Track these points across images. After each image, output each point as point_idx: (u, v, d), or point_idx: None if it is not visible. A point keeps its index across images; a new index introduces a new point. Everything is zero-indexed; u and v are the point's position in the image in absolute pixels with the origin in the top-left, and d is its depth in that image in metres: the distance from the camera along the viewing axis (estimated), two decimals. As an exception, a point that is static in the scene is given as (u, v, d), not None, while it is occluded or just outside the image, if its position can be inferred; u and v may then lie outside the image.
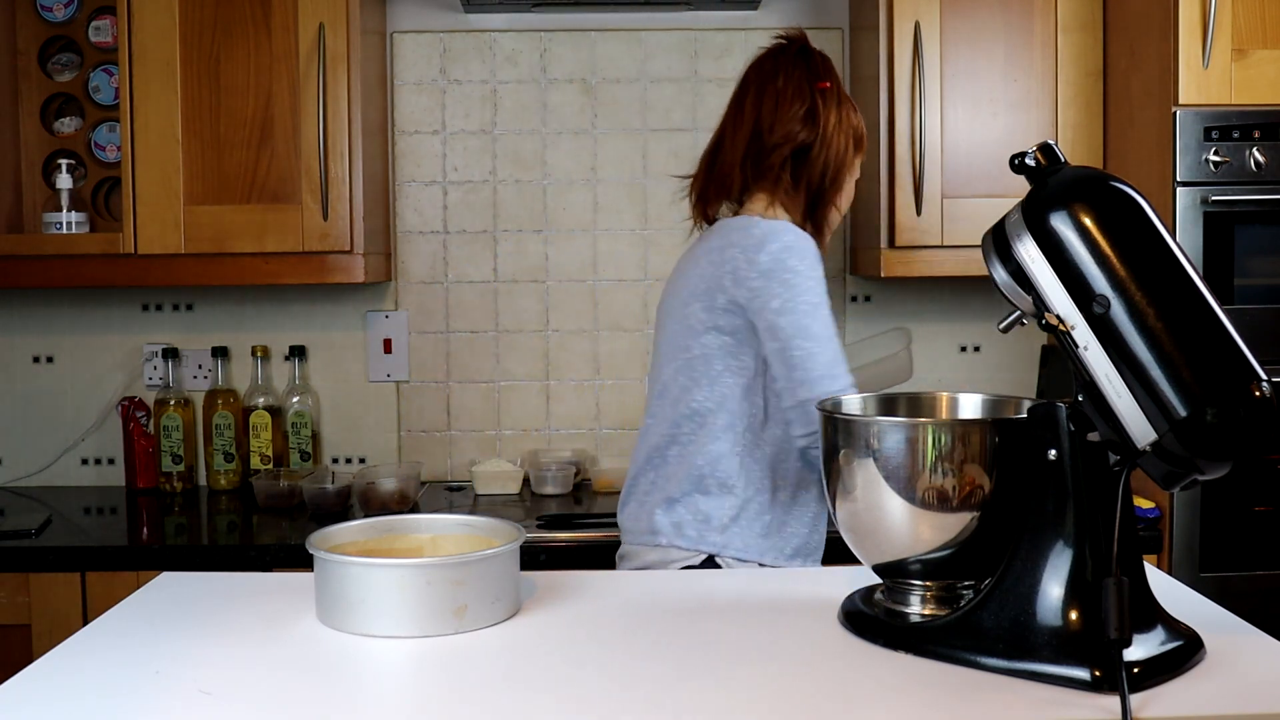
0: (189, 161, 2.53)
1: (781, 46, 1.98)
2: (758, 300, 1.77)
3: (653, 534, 1.85)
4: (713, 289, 1.82)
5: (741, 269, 1.78)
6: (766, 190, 1.92)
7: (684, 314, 1.85)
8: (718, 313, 1.81)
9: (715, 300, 1.81)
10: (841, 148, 1.93)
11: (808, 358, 1.74)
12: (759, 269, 1.77)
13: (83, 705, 1.12)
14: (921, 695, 1.12)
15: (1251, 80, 2.28)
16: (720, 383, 1.82)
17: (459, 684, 1.17)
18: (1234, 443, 1.09)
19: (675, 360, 1.87)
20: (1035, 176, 1.21)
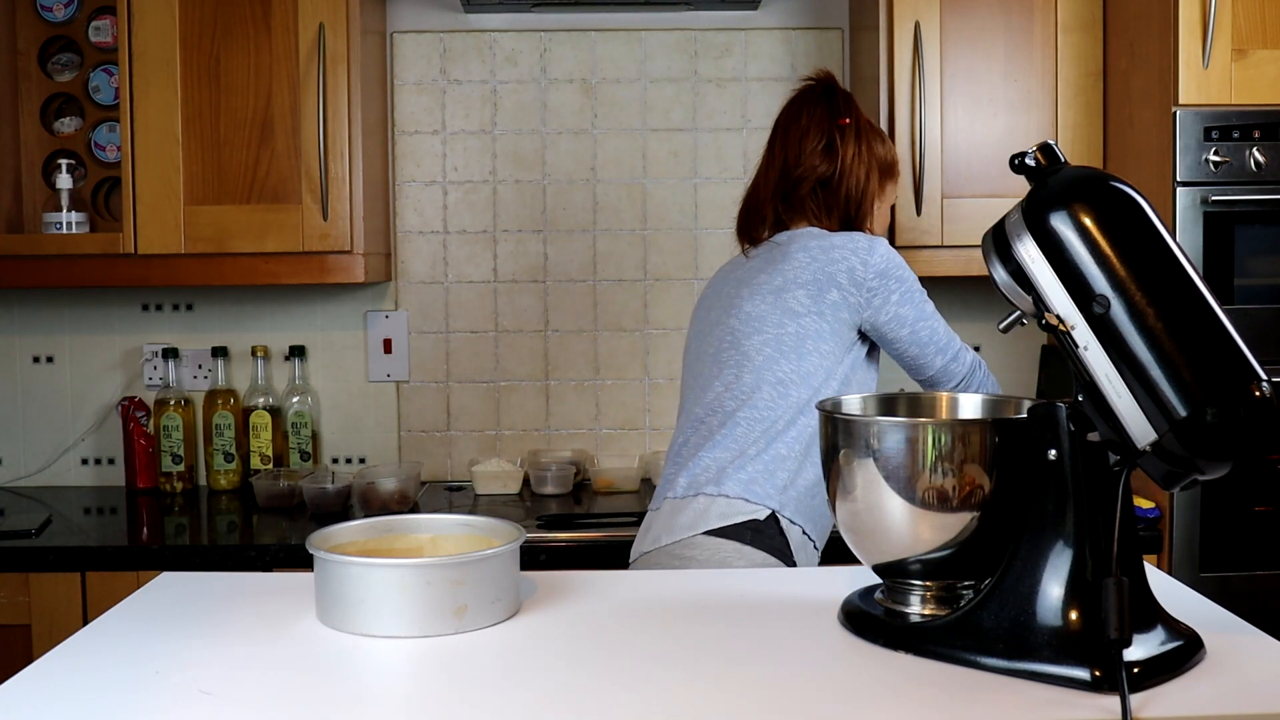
0: (189, 161, 2.53)
1: (809, 88, 2.18)
2: (878, 297, 2.00)
3: (721, 484, 1.96)
4: (822, 281, 2.00)
5: (857, 270, 2.00)
6: (805, 219, 2.13)
7: (782, 298, 2.03)
8: (824, 302, 2.00)
9: (825, 292, 2.00)
10: (863, 178, 2.12)
11: (934, 333, 2.04)
12: (874, 270, 2.00)
13: (83, 705, 1.12)
14: (921, 695, 1.12)
15: (1251, 80, 2.28)
16: (807, 360, 1.99)
17: (459, 684, 1.17)
18: (1234, 443, 1.09)
19: (764, 334, 2.03)
20: (1035, 176, 1.21)
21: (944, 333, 2.08)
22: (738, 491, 1.94)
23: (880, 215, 2.20)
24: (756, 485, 1.95)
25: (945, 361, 2.07)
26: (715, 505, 1.93)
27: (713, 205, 2.91)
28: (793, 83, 2.91)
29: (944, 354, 2.07)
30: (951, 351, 2.07)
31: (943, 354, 2.07)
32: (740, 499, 1.93)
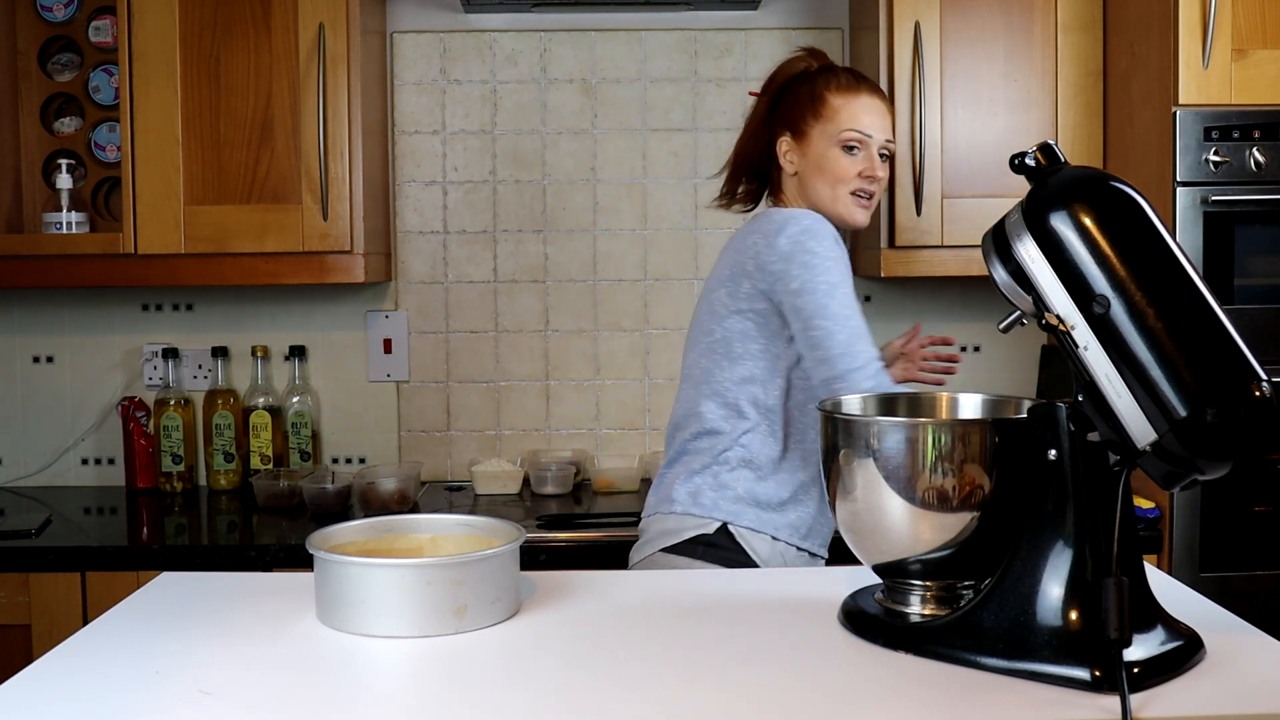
0: (189, 161, 2.53)
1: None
2: (780, 284, 1.86)
3: (670, 502, 1.94)
4: (736, 275, 1.91)
5: (762, 254, 1.88)
6: (773, 193, 2.10)
7: (710, 300, 1.97)
8: (741, 298, 1.91)
9: (740, 286, 1.91)
10: (760, 137, 2.07)
11: (826, 336, 1.81)
12: (778, 253, 1.86)
13: (83, 705, 1.12)
14: (921, 695, 1.12)
15: (1251, 80, 2.28)
16: (741, 365, 1.92)
17: (459, 684, 1.17)
18: (1234, 443, 1.09)
19: (699, 344, 1.98)
20: (1035, 176, 1.21)
21: (843, 340, 1.81)
22: (684, 506, 1.92)
23: (829, 167, 2.00)
24: (703, 497, 1.91)
25: (826, 375, 1.83)
26: (667, 522, 1.94)
27: (713, 205, 2.91)
28: (793, 83, 2.92)
29: (831, 365, 1.81)
30: (839, 368, 1.81)
31: (829, 365, 1.81)
32: (687, 514, 1.91)
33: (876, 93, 2.05)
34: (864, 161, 2.00)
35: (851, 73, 2.07)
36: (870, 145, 2.01)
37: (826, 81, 2.04)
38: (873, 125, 2.01)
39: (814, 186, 2.02)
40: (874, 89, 2.05)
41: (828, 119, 2.01)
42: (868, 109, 2.01)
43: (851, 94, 2.02)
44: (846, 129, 2.00)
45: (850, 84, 2.03)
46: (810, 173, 2.03)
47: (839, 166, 2.00)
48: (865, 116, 2.01)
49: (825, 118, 2.01)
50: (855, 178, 2.00)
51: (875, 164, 2.01)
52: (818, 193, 2.02)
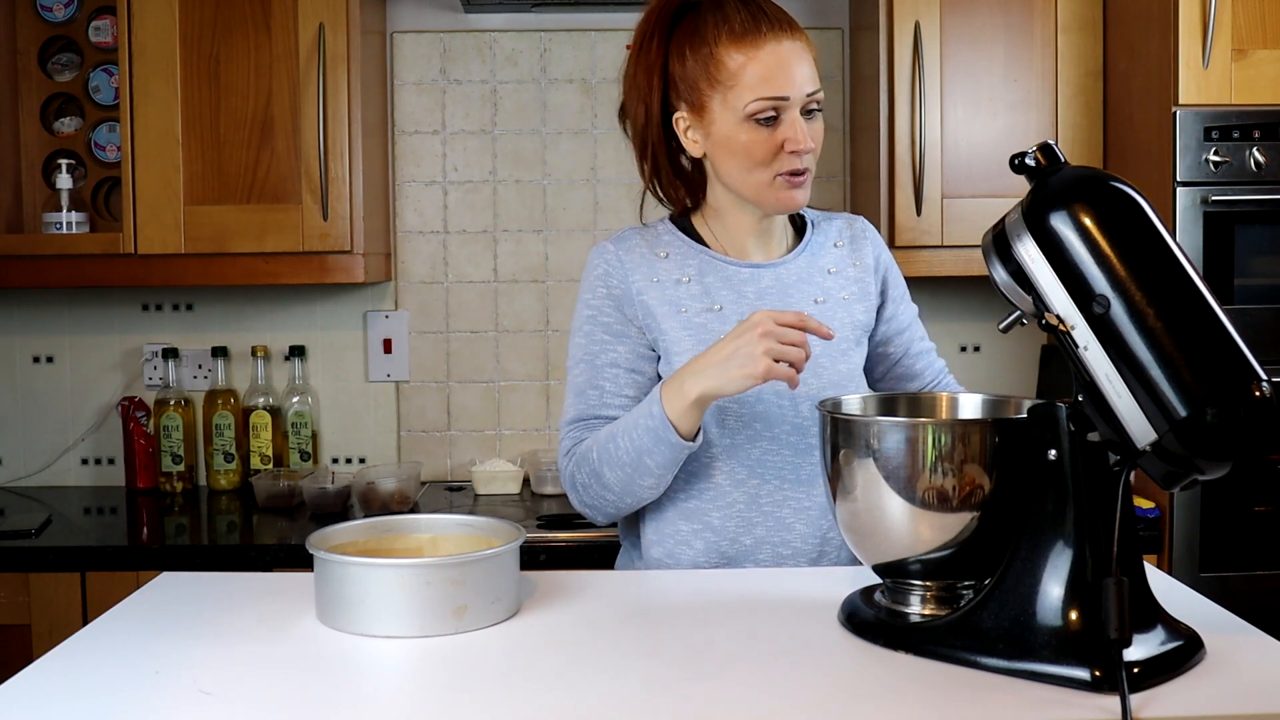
0: (189, 161, 2.53)
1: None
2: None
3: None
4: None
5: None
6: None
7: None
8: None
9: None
10: (636, 109, 1.66)
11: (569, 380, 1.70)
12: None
13: (83, 705, 1.12)
14: (921, 695, 1.12)
15: (1251, 80, 2.28)
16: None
17: (459, 684, 1.17)
18: (1234, 443, 1.09)
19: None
20: (1035, 176, 1.21)
21: (570, 359, 1.70)
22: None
23: (724, 148, 1.60)
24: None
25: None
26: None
27: (713, 205, 2.91)
28: (793, 83, 2.92)
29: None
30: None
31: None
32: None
33: (783, 31, 1.58)
34: (786, 130, 1.57)
35: (739, 6, 1.59)
36: (789, 108, 1.57)
37: (716, 29, 1.58)
38: (788, 83, 1.56)
39: (728, 172, 1.62)
40: (779, 28, 1.58)
41: (726, 85, 1.57)
42: (778, 61, 1.56)
43: (752, 44, 1.56)
44: (753, 98, 1.56)
45: (748, 28, 1.56)
46: (720, 156, 1.62)
47: (752, 146, 1.58)
48: (774, 74, 1.56)
49: (724, 83, 1.57)
50: (777, 155, 1.58)
51: (799, 130, 1.57)
52: (734, 180, 1.62)
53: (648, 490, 1.61)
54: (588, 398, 1.66)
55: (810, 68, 1.60)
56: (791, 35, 1.59)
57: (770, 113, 1.57)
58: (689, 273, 1.68)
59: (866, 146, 2.70)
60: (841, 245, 1.75)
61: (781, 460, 1.64)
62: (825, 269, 1.73)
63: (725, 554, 1.66)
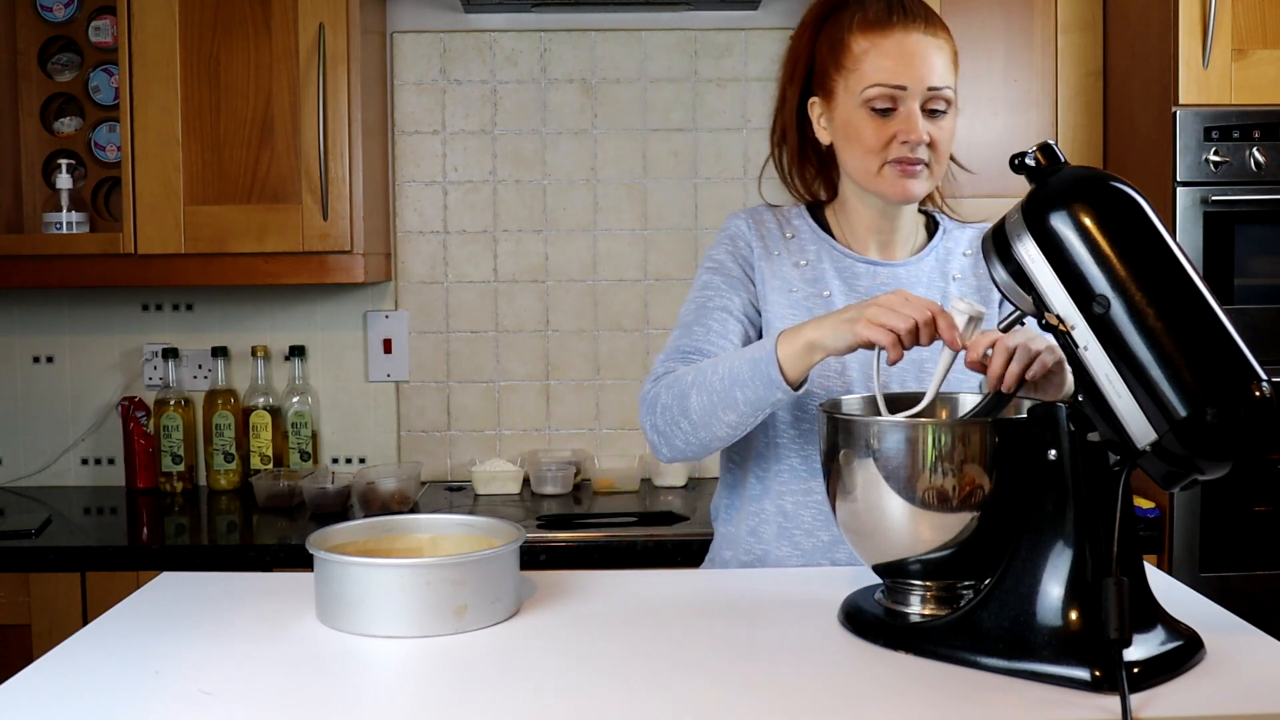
0: (189, 161, 2.53)
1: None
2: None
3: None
4: None
5: None
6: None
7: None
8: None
9: None
10: (778, 95, 1.73)
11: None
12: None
13: (83, 705, 1.12)
14: (921, 695, 1.12)
15: (1251, 80, 2.28)
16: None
17: (459, 684, 1.17)
18: (1234, 443, 1.09)
19: None
20: (1035, 176, 1.21)
21: (674, 333, 1.69)
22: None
23: (843, 134, 1.62)
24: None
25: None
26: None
27: (713, 205, 2.91)
28: (793, 83, 2.92)
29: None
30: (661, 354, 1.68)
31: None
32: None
33: (915, 24, 1.59)
34: (900, 122, 1.58)
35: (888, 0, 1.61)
36: (907, 99, 1.57)
37: (851, 17, 1.61)
38: (907, 72, 1.57)
39: (845, 159, 1.64)
40: (912, 20, 1.59)
41: (850, 70, 1.60)
42: (900, 50, 1.57)
43: (879, 33, 1.58)
44: (870, 84, 1.58)
45: (879, 17, 1.59)
46: (839, 142, 1.64)
47: (866, 133, 1.59)
48: (895, 62, 1.57)
49: (848, 69, 1.60)
50: (888, 145, 1.59)
51: (915, 123, 1.57)
52: (852, 168, 1.64)
53: (725, 428, 1.53)
54: (692, 333, 1.66)
55: (941, 65, 1.59)
56: (925, 30, 1.59)
57: (887, 102, 1.58)
58: (808, 257, 1.70)
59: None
60: (970, 254, 1.73)
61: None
62: (950, 275, 1.71)
63: (812, 553, 1.65)
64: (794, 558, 1.64)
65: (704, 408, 1.53)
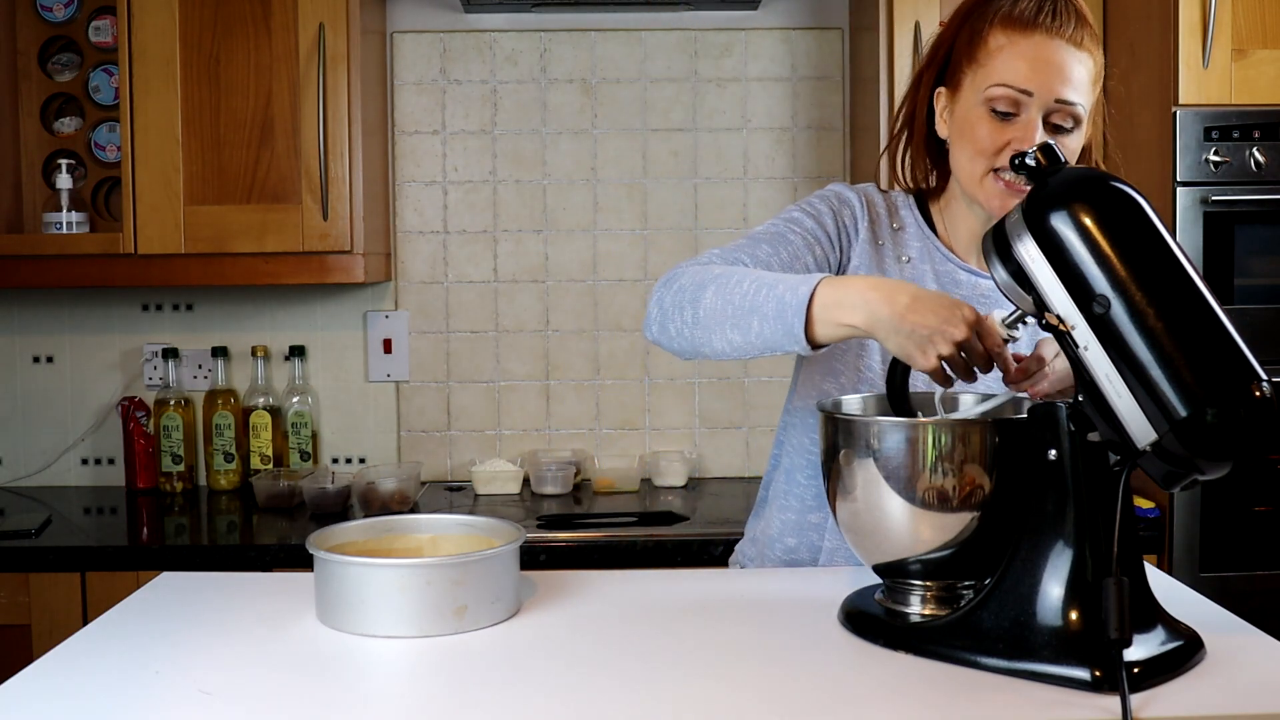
0: (189, 161, 2.53)
1: None
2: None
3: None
4: None
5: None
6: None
7: None
8: None
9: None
10: (930, 92, 1.61)
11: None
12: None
13: (83, 705, 1.12)
14: (921, 695, 1.12)
15: (1251, 80, 2.28)
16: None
17: (459, 684, 1.17)
18: (1234, 443, 1.09)
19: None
20: (1035, 176, 1.21)
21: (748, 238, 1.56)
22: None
23: (959, 130, 1.54)
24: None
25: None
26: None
27: (713, 205, 2.91)
28: (793, 83, 2.92)
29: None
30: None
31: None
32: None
33: (1062, 30, 1.48)
34: (1017, 129, 1.48)
35: (1044, 2, 1.50)
36: (1031, 105, 1.48)
37: (999, 9, 1.51)
38: (1036, 78, 1.47)
39: (957, 158, 1.56)
40: (1060, 25, 1.48)
41: (980, 64, 1.51)
42: (1036, 54, 1.47)
43: (1020, 32, 1.48)
44: (995, 82, 1.48)
45: (1026, 15, 1.48)
46: (954, 137, 1.56)
47: (980, 133, 1.50)
48: (1027, 65, 1.47)
49: (979, 63, 1.51)
50: (1001, 151, 1.49)
51: (1033, 132, 1.47)
52: (959, 168, 1.55)
53: (723, 342, 1.39)
54: (759, 249, 1.52)
55: (1079, 79, 1.48)
56: (1069, 39, 1.48)
57: (1009, 105, 1.48)
58: (911, 254, 1.62)
59: (867, 147, 2.70)
60: None
61: None
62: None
63: (826, 555, 1.63)
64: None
65: (714, 310, 1.39)
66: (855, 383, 1.59)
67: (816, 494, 1.65)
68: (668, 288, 1.46)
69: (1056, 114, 1.48)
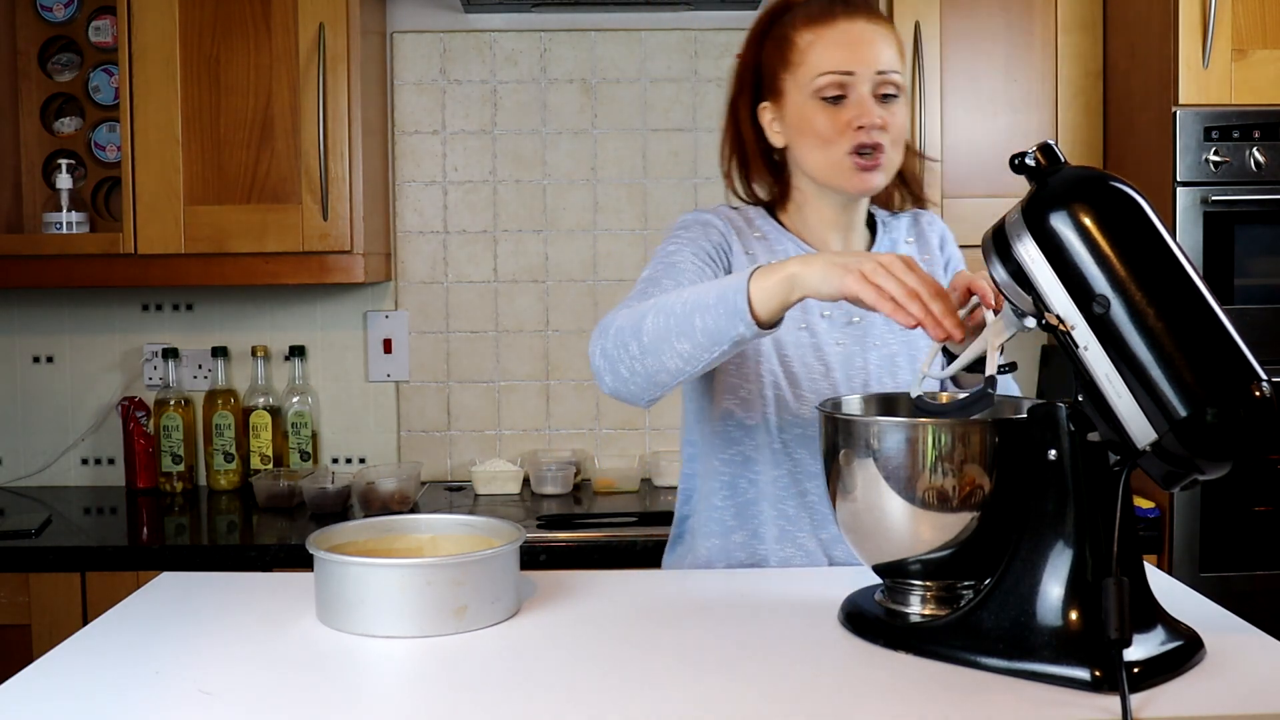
0: (189, 161, 2.53)
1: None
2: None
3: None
4: None
5: None
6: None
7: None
8: None
9: None
10: (751, 114, 1.68)
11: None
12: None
13: (83, 705, 1.12)
14: (921, 695, 1.12)
15: (1251, 80, 2.28)
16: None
17: (459, 684, 1.17)
18: (1234, 443, 1.09)
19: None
20: (1035, 176, 1.21)
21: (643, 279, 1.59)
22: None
23: (797, 129, 1.61)
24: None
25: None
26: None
27: (712, 205, 2.90)
28: (793, 83, 2.92)
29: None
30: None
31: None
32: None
33: (858, 14, 1.59)
34: (851, 109, 1.57)
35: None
36: (857, 84, 1.56)
37: (794, 16, 1.62)
38: (854, 58, 1.56)
39: (803, 156, 1.62)
40: (854, 11, 1.59)
41: (797, 64, 1.59)
42: (846, 38, 1.57)
43: (823, 24, 1.58)
44: (817, 74, 1.57)
45: (822, 11, 1.59)
46: (795, 139, 1.62)
47: (821, 123, 1.58)
48: (841, 50, 1.57)
49: (795, 64, 1.60)
50: (845, 133, 1.57)
51: (868, 108, 1.56)
52: (809, 162, 1.62)
53: (676, 358, 1.39)
54: (660, 284, 1.56)
55: (887, 50, 1.59)
56: (868, 19, 1.59)
57: (837, 90, 1.57)
58: (779, 256, 1.65)
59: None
60: (911, 241, 1.74)
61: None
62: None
63: (764, 557, 1.65)
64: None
65: (657, 330, 1.39)
66: (759, 390, 1.63)
67: (736, 513, 1.66)
68: (604, 336, 1.47)
69: (881, 86, 1.57)
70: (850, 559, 1.58)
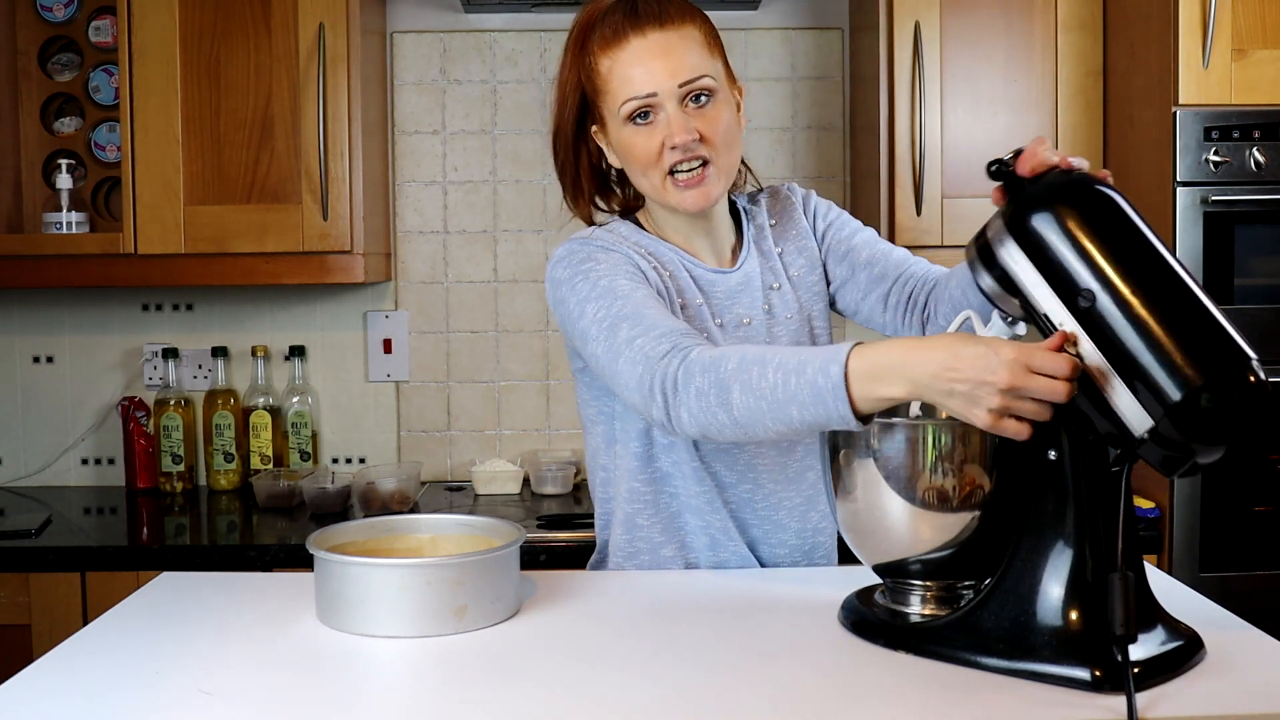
0: (189, 161, 2.53)
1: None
2: (564, 326, 1.59)
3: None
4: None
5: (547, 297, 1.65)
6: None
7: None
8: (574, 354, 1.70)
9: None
10: (558, 113, 1.62)
11: (597, 363, 1.49)
12: (549, 296, 1.63)
13: (83, 705, 1.12)
14: (921, 695, 1.12)
15: (1251, 80, 2.28)
16: (589, 437, 1.74)
17: (459, 684, 1.17)
18: (1229, 424, 1.09)
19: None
20: (1014, 183, 1.22)
21: (606, 359, 1.45)
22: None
23: (622, 155, 1.56)
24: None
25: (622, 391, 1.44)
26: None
27: (713, 205, 2.91)
28: (793, 83, 2.92)
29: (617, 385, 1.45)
30: (619, 378, 1.43)
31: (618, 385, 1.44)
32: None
33: (650, 25, 1.51)
34: (662, 129, 1.51)
35: (620, 7, 1.53)
36: (662, 103, 1.50)
37: (595, 38, 1.54)
38: (651, 79, 1.49)
39: (634, 180, 1.59)
40: (646, 22, 1.51)
41: (604, 91, 1.54)
42: (638, 59, 1.50)
43: (616, 47, 1.51)
44: (621, 101, 1.51)
45: (615, 31, 1.52)
46: (624, 164, 1.58)
47: (636, 149, 1.53)
48: (637, 71, 1.50)
49: (602, 91, 1.54)
50: (660, 154, 1.51)
51: (677, 126, 1.50)
52: (640, 187, 1.58)
53: (770, 432, 1.32)
54: (650, 316, 1.44)
55: (690, 54, 1.50)
56: (661, 27, 1.50)
57: (643, 113, 1.51)
58: (670, 268, 1.60)
59: (866, 147, 2.70)
60: (776, 222, 1.69)
61: (770, 461, 1.62)
62: (776, 253, 1.66)
63: (695, 564, 1.63)
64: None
65: (750, 410, 1.31)
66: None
67: (663, 528, 1.62)
68: (684, 391, 1.35)
69: (689, 94, 1.50)
70: (776, 559, 1.62)
